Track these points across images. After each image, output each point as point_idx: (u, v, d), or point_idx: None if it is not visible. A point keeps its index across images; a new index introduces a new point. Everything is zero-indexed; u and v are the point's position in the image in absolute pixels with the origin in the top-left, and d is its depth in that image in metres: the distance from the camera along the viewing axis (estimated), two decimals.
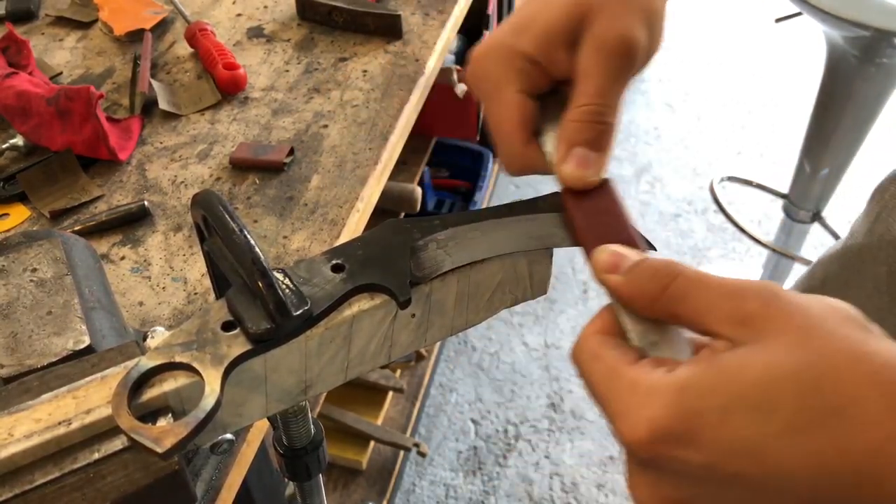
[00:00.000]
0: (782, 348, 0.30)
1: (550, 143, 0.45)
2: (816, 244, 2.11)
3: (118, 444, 0.37)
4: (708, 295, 0.33)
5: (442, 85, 1.47)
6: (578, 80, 0.43)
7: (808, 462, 0.29)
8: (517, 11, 0.45)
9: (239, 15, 1.12)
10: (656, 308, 0.35)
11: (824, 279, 0.70)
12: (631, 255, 0.38)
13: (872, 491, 0.29)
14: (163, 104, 0.94)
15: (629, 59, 0.42)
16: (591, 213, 0.42)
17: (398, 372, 1.66)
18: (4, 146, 0.87)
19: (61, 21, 1.11)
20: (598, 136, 0.43)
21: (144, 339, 0.49)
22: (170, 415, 0.37)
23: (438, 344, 1.80)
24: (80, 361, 0.41)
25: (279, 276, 0.39)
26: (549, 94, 0.46)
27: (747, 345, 0.31)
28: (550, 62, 0.44)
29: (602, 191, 0.43)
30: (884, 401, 0.29)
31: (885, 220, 0.66)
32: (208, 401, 0.35)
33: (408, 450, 1.59)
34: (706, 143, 2.63)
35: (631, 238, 0.41)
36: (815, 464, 0.29)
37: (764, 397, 0.30)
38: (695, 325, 0.34)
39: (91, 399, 0.37)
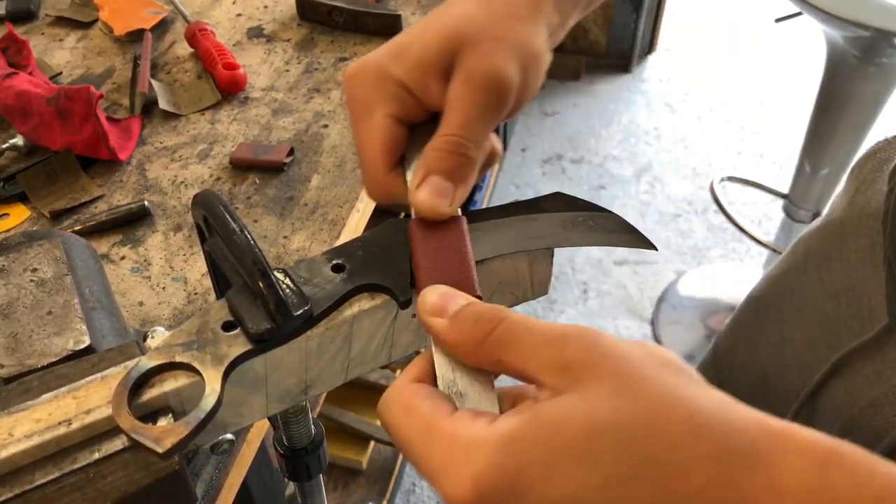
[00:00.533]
0: (602, 396, 0.30)
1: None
2: None
3: (118, 444, 0.37)
4: (532, 340, 0.33)
5: None
6: (445, 111, 0.42)
7: None
8: (398, 35, 0.45)
9: (239, 15, 1.12)
10: (480, 354, 0.34)
11: (806, 254, 0.71)
12: (458, 299, 0.36)
13: None
14: (163, 104, 0.94)
15: (498, 96, 0.42)
16: (433, 249, 0.41)
17: (398, 372, 1.66)
18: (4, 146, 0.87)
19: (61, 21, 1.11)
20: (457, 167, 0.42)
21: (144, 339, 0.49)
22: (170, 415, 0.37)
23: None
24: (81, 361, 0.41)
25: (280, 276, 0.39)
26: (423, 124, 0.44)
27: (567, 393, 0.31)
28: (423, 91, 0.43)
29: (451, 226, 0.42)
30: (700, 445, 0.29)
31: (864, 194, 0.66)
32: (209, 401, 0.35)
33: None
34: (706, 143, 2.63)
35: (467, 281, 0.39)
36: None
37: (585, 448, 0.29)
38: (518, 372, 0.33)
39: (91, 399, 0.37)
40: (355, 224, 0.81)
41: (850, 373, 0.61)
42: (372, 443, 1.57)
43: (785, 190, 1.89)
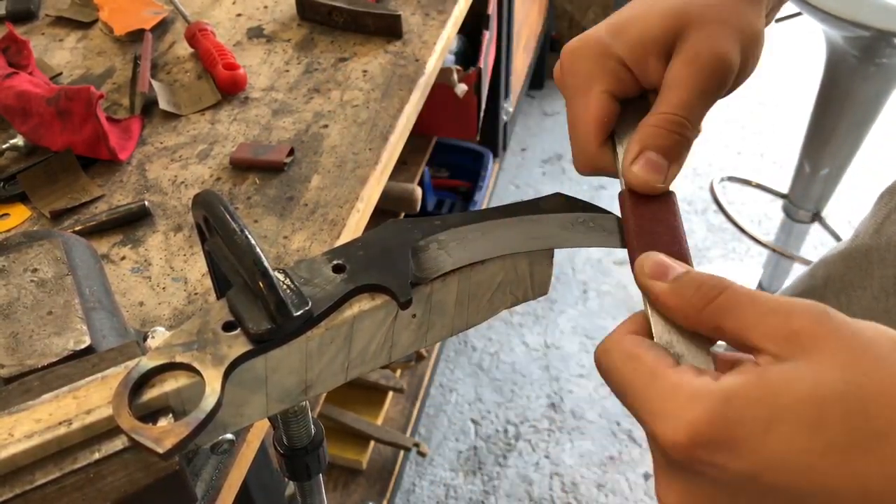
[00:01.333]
0: (831, 367, 0.30)
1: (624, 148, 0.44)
2: (816, 244, 2.11)
3: (119, 444, 0.37)
4: (756, 310, 0.33)
5: (442, 85, 1.47)
6: (664, 89, 0.43)
7: (853, 483, 0.29)
8: (617, 12, 0.45)
9: (239, 15, 1.12)
10: (700, 319, 0.35)
11: (826, 279, 0.70)
12: (677, 265, 0.37)
13: None
14: (163, 104, 0.94)
15: (720, 77, 0.42)
16: (646, 220, 0.42)
17: (398, 372, 1.66)
18: (4, 146, 0.87)
19: (61, 21, 1.11)
20: (674, 145, 0.42)
21: (145, 339, 0.49)
22: (170, 415, 0.37)
23: (438, 344, 1.80)
24: (81, 361, 0.41)
25: (280, 276, 0.39)
26: (634, 101, 0.45)
27: (794, 360, 0.31)
28: (641, 69, 0.44)
29: (663, 202, 0.43)
30: None
31: (895, 223, 0.66)
32: (209, 401, 0.35)
33: (408, 450, 1.59)
34: (706, 143, 2.63)
35: (682, 253, 0.40)
36: (859, 485, 0.29)
37: (811, 413, 0.30)
38: (738, 338, 0.34)
39: (91, 399, 0.37)
40: (355, 224, 0.81)
41: None
42: (372, 443, 1.57)
43: (785, 190, 1.89)
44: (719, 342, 0.36)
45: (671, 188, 0.43)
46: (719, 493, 0.32)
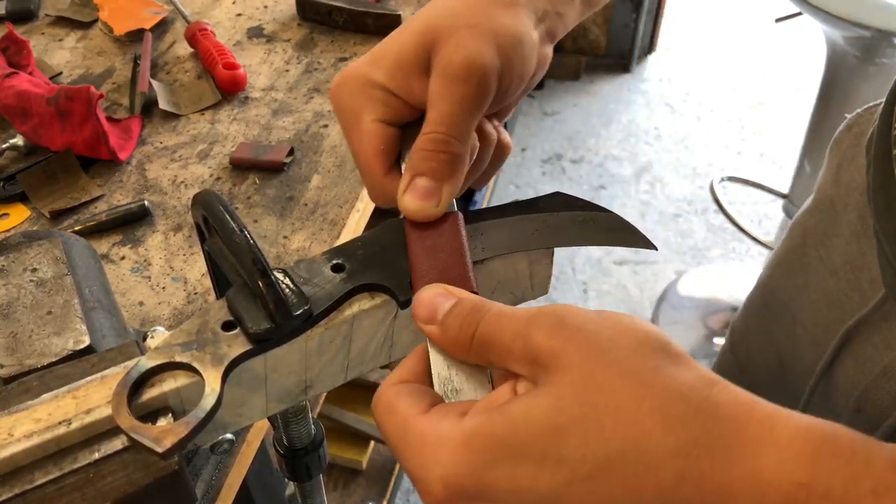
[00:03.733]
0: (566, 389, 0.29)
1: None
2: None
3: (118, 443, 0.37)
4: (504, 336, 0.33)
5: None
6: (428, 108, 0.42)
7: None
8: (376, 46, 0.44)
9: (239, 15, 1.12)
10: (471, 355, 0.34)
11: (804, 235, 0.71)
12: (447, 301, 0.36)
13: None
14: (163, 104, 0.94)
15: (476, 84, 0.41)
16: (428, 248, 0.41)
17: None
18: (4, 146, 0.87)
19: (61, 21, 1.11)
20: (442, 165, 0.41)
21: (144, 339, 0.49)
22: (170, 415, 0.37)
23: None
24: (80, 361, 0.41)
25: (279, 275, 0.39)
26: (416, 123, 0.44)
27: (539, 386, 0.30)
28: (406, 92, 0.43)
29: (445, 223, 0.42)
30: (671, 437, 0.27)
31: (848, 169, 0.66)
32: (208, 400, 0.35)
33: None
34: (706, 143, 2.63)
35: (462, 276, 0.39)
36: None
37: (549, 445, 0.29)
38: (503, 368, 0.33)
39: (91, 399, 0.37)
40: (355, 224, 0.81)
41: (858, 344, 0.62)
42: (372, 443, 1.57)
43: (785, 190, 1.89)
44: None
45: (454, 208, 0.43)
46: None
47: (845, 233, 0.65)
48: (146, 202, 0.81)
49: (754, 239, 2.23)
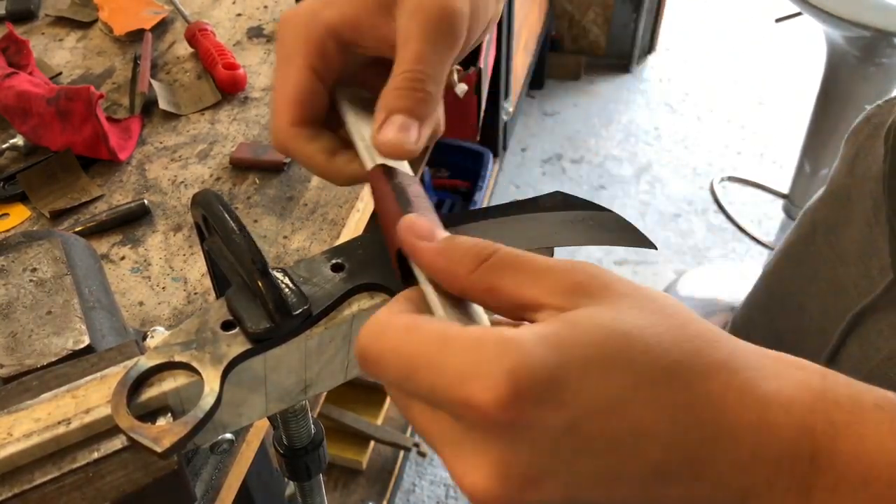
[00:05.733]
0: (623, 307, 0.30)
1: (358, 131, 0.42)
2: None
3: (117, 443, 0.37)
4: (533, 267, 0.32)
5: None
6: (398, 49, 0.40)
7: (663, 416, 0.29)
8: None
9: (239, 15, 1.12)
10: (471, 281, 0.32)
11: (813, 224, 0.72)
12: (445, 232, 0.35)
13: (719, 445, 0.29)
14: (163, 104, 0.94)
15: (449, 26, 0.40)
16: (402, 195, 0.38)
17: None
18: (4, 146, 0.87)
19: (61, 21, 1.11)
20: (417, 103, 0.39)
21: (144, 338, 0.49)
22: (169, 414, 0.37)
23: None
24: (80, 361, 0.41)
25: (279, 275, 0.39)
26: (349, 83, 0.43)
27: (581, 307, 0.30)
28: (357, 31, 0.41)
29: (413, 184, 0.40)
30: (716, 353, 0.30)
31: (865, 159, 0.67)
32: (207, 400, 0.35)
33: (408, 450, 1.59)
34: (706, 143, 2.63)
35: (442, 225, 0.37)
36: (668, 417, 0.29)
37: (618, 350, 0.29)
38: (514, 297, 0.31)
39: (90, 399, 0.37)
40: (355, 224, 0.81)
41: (864, 330, 0.63)
42: (372, 443, 1.57)
43: (785, 190, 1.89)
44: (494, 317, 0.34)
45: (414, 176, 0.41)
46: (537, 457, 0.29)
47: (858, 221, 0.65)
48: (146, 202, 0.81)
49: (754, 239, 2.23)
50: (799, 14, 1.58)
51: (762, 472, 0.29)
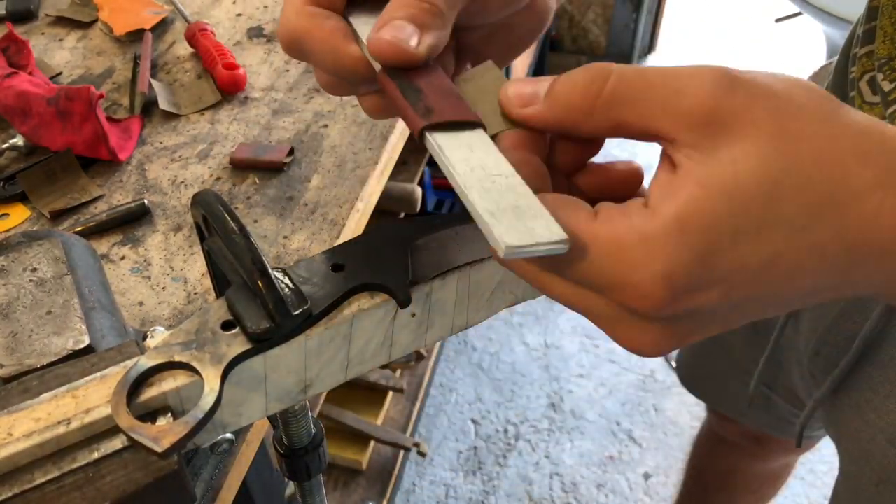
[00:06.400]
0: (764, 142, 0.28)
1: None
2: None
3: (117, 443, 0.37)
4: (654, 94, 0.29)
5: None
6: None
7: (811, 255, 0.28)
8: None
9: (239, 15, 1.12)
10: (595, 125, 0.30)
11: None
12: (540, 82, 0.32)
13: (861, 270, 0.28)
14: (163, 104, 0.94)
15: None
16: (408, 84, 0.35)
17: (398, 372, 1.66)
18: (4, 146, 0.87)
19: (61, 21, 1.11)
20: (422, 13, 0.36)
21: (144, 338, 0.49)
22: (169, 414, 0.37)
23: (438, 344, 1.80)
24: (80, 361, 0.41)
25: (279, 275, 0.39)
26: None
27: (721, 148, 0.28)
28: None
29: (430, 69, 0.37)
30: (868, 172, 0.28)
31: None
32: (207, 400, 0.35)
33: (408, 450, 1.59)
34: None
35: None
36: (817, 256, 0.28)
37: (767, 206, 0.27)
38: (644, 131, 0.30)
39: (90, 399, 0.37)
40: (355, 224, 0.81)
41: None
42: (372, 443, 1.57)
43: None
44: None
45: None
46: (699, 323, 0.30)
47: None
48: (146, 202, 0.81)
49: None
50: (799, 14, 1.58)
51: None
